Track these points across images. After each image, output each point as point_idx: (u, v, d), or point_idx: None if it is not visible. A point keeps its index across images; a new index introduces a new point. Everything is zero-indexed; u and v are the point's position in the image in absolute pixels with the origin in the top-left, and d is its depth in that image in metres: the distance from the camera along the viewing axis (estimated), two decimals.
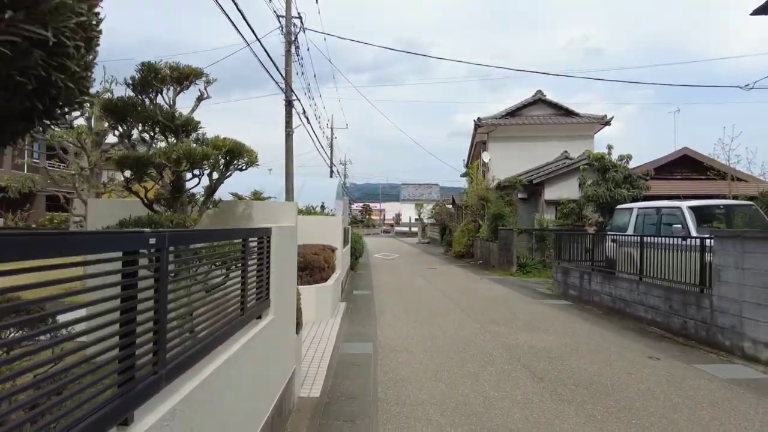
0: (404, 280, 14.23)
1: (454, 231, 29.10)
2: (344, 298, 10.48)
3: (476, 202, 19.52)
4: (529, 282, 14.84)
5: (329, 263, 8.95)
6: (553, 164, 19.73)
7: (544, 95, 23.34)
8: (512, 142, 22.61)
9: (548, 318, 8.74)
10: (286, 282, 3.86)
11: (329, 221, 10.32)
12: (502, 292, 12.06)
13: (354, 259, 16.73)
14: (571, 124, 22.53)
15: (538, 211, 19.10)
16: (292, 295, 4.23)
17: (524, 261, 16.72)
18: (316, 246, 9.25)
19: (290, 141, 16.06)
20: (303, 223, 10.24)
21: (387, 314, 8.71)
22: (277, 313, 3.43)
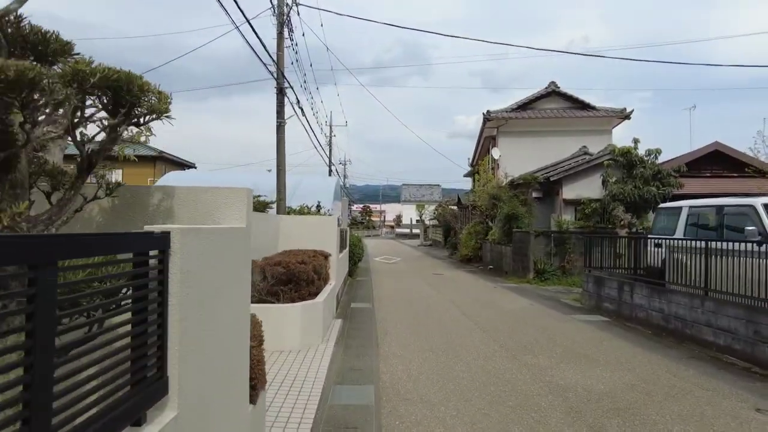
0: (409, 289, 12.54)
1: (460, 233, 27.44)
2: (340, 313, 8.80)
3: (487, 201, 17.85)
4: (550, 291, 13.16)
5: (321, 273, 7.27)
6: (572, 160, 18.06)
7: (557, 87, 21.70)
8: (524, 138, 20.97)
9: (591, 341, 7.06)
10: (220, 328, 2.19)
11: (322, 222, 8.66)
12: (524, 305, 10.37)
13: (353, 264, 15.06)
14: (588, 117, 20.88)
15: (555, 212, 17.43)
16: (238, 347, 2.55)
17: (542, 267, 15.04)
18: (305, 252, 7.59)
19: (282, 132, 14.43)
20: (289, 224, 8.58)
21: (391, 337, 7.02)
22: (187, 403, 1.75)
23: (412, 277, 15.65)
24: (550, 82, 21.96)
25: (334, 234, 8.63)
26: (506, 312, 9.41)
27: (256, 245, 7.06)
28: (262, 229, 7.39)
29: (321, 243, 8.49)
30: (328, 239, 8.60)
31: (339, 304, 9.56)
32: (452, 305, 10.01)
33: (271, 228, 7.97)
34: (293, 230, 8.51)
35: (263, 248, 7.49)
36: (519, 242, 15.56)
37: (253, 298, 6.10)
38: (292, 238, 8.47)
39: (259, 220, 7.21)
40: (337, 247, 8.92)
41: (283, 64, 14.40)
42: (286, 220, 8.49)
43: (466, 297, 11.32)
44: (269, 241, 7.93)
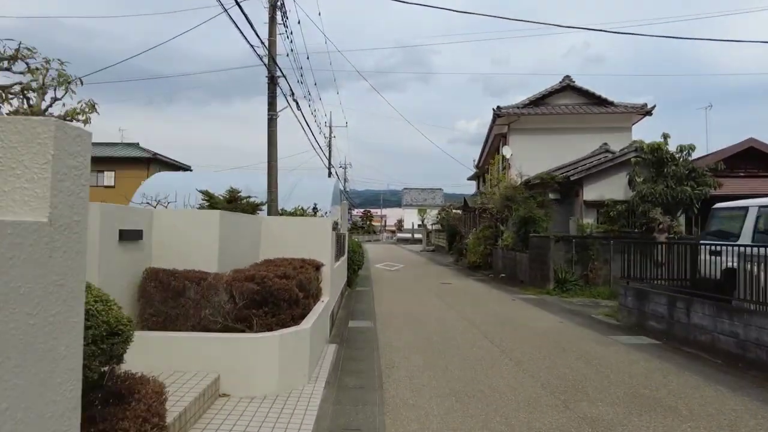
0: (415, 303, 10.98)
1: (466, 238, 25.89)
2: (335, 335, 7.26)
3: (498, 203, 16.30)
4: (575, 304, 11.61)
5: (310, 289, 5.74)
6: (592, 158, 16.56)
7: (572, 81, 20.22)
8: (537, 135, 19.48)
9: (652, 376, 5.51)
10: None
11: (315, 225, 7.13)
12: (553, 323, 8.81)
13: (352, 273, 13.52)
14: (605, 114, 19.39)
15: (574, 215, 15.90)
16: None
17: (563, 276, 13.48)
18: (291, 263, 6.06)
19: (273, 126, 12.99)
20: (274, 228, 7.05)
21: (399, 372, 5.48)
22: None
23: (418, 287, 14.09)
24: (565, 77, 20.49)
25: (329, 239, 7.10)
26: (535, 333, 7.85)
27: (231, 254, 5.53)
28: (237, 234, 5.87)
29: (313, 250, 6.97)
30: (322, 245, 7.07)
31: (334, 323, 8.01)
32: (469, 324, 8.45)
33: (249, 232, 6.45)
34: (279, 235, 6.99)
35: (240, 257, 5.97)
36: (537, 248, 14.01)
37: (216, 324, 4.57)
38: (277, 245, 6.94)
39: (232, 222, 5.69)
40: (332, 255, 7.39)
41: (275, 51, 12.97)
42: (269, 222, 6.98)
43: (483, 312, 9.76)
44: (248, 249, 6.41)
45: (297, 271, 5.60)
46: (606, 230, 13.98)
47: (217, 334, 4.55)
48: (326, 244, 7.08)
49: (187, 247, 5.12)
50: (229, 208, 10.01)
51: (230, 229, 5.55)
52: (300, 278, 5.39)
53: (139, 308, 4.65)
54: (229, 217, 5.55)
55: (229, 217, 5.56)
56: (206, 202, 11.81)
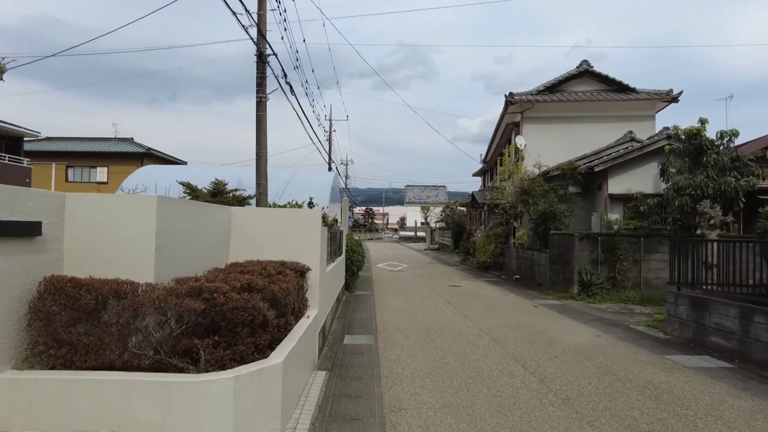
0: (423, 311, 9.48)
1: (474, 236, 24.39)
2: (325, 359, 5.78)
3: (514, 197, 14.77)
4: (605, 311, 10.13)
5: (288, 304, 4.24)
6: (617, 148, 15.02)
7: (590, 66, 18.66)
8: (552, 124, 17.96)
9: (752, 420, 4.02)
10: None
11: (299, 219, 5.61)
12: (591, 339, 7.31)
13: (350, 275, 12.03)
14: (627, 101, 17.82)
15: (596, 210, 14.38)
16: None
17: (587, 278, 11.97)
18: (265, 267, 4.59)
19: (263, 109, 11.56)
20: (246, 222, 5.55)
21: (411, 424, 3.98)
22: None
23: (424, 291, 12.59)
24: (582, 61, 18.92)
25: (318, 236, 5.60)
26: (573, 352, 6.35)
27: (178, 256, 4.06)
28: (190, 229, 4.38)
29: (298, 250, 5.47)
30: (309, 244, 5.57)
31: (326, 340, 6.52)
32: (492, 341, 6.95)
33: (211, 228, 4.96)
34: (254, 232, 5.50)
35: (195, 260, 4.49)
36: (559, 247, 12.49)
37: (144, 360, 3.11)
38: (252, 245, 5.46)
39: (181, 212, 4.19)
40: (322, 256, 5.89)
41: (265, 25, 11.52)
42: (241, 216, 5.48)
43: (504, 323, 8.26)
44: (210, 250, 4.92)
45: (269, 280, 4.11)
46: (636, 227, 12.45)
47: (143, 375, 3.08)
48: (314, 243, 5.58)
49: (114, 247, 3.64)
50: (213, 202, 8.55)
51: (178, 223, 4.07)
52: (272, 290, 3.90)
53: (29, 336, 3.18)
54: (174, 207, 4.05)
55: (174, 206, 4.05)
56: (188, 195, 10.32)
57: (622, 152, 13.56)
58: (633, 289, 12.04)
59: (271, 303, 3.88)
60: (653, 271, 12.28)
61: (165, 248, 3.82)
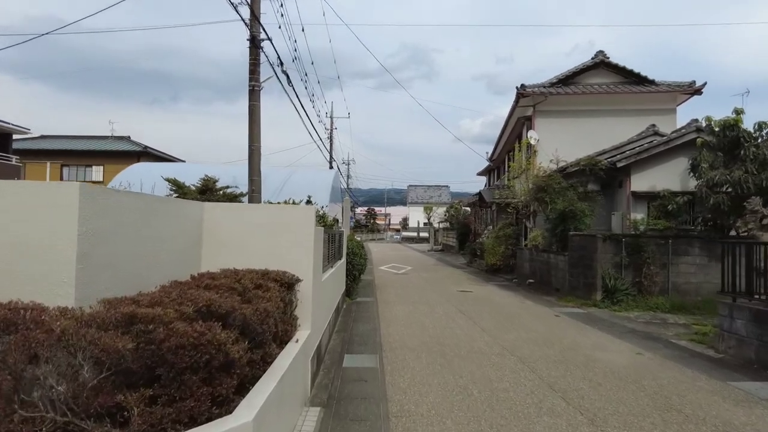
0: (433, 321, 8.44)
1: (481, 237, 23.34)
2: (320, 388, 4.74)
3: (529, 195, 13.70)
4: (634, 321, 9.10)
5: (265, 331, 3.19)
6: (639, 142, 13.94)
7: (606, 57, 17.58)
8: (566, 118, 16.89)
9: None
10: None
11: (288, 217, 4.55)
12: (632, 358, 6.24)
13: (351, 280, 10.99)
14: (646, 93, 16.75)
15: (617, 209, 13.31)
16: None
17: (611, 283, 10.91)
18: (241, 279, 3.57)
19: (256, 99, 10.63)
20: (222, 221, 4.51)
21: None
22: None
23: (432, 297, 11.54)
24: (598, 52, 17.85)
25: (311, 238, 4.55)
26: (618, 377, 5.29)
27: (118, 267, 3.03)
28: (139, 230, 3.33)
29: (286, 256, 4.43)
30: (300, 248, 4.53)
31: (321, 363, 5.48)
32: (517, 361, 5.90)
33: (176, 228, 3.92)
34: (233, 233, 4.47)
35: (158, 269, 3.48)
36: (579, 250, 11.42)
37: (42, 425, 2.07)
38: (230, 249, 4.42)
39: (122, 207, 3.13)
40: (316, 263, 4.85)
41: (259, 7, 10.54)
42: (216, 214, 4.44)
43: (527, 337, 7.21)
44: (174, 256, 3.89)
45: (242, 299, 3.09)
46: (665, 227, 11.38)
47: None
48: (307, 247, 4.53)
49: (17, 254, 2.61)
50: (201, 199, 7.52)
51: (119, 222, 3.03)
52: (243, 315, 2.87)
53: None
54: (113, 200, 3.00)
55: (112, 199, 3.00)
56: (174, 192, 9.28)
57: (646, 146, 12.48)
58: (660, 295, 10.98)
59: (242, 332, 2.85)
60: (682, 275, 11.22)
61: (95, 256, 2.79)
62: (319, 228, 5.15)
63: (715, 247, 11.15)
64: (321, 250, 5.40)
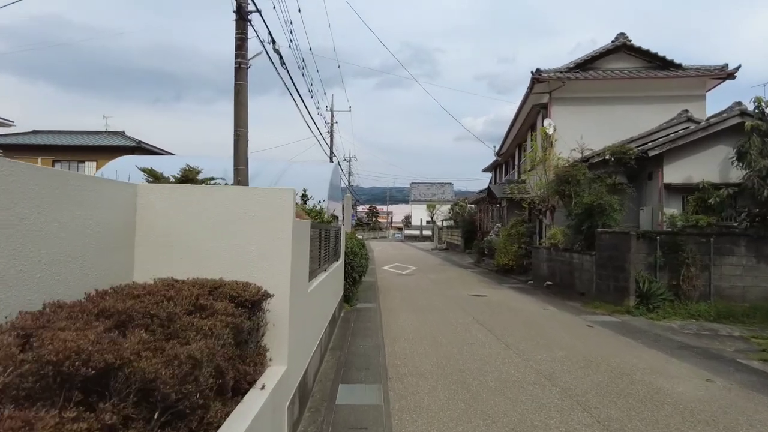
0: (448, 336, 7.12)
1: (489, 235, 22.02)
2: None
3: (549, 188, 12.36)
4: (682, 332, 7.79)
5: (180, 403, 1.87)
6: (672, 129, 12.57)
7: (628, 39, 16.20)
8: (584, 106, 15.53)
9: None
10: None
11: (255, 206, 3.22)
12: (704, 388, 4.92)
13: (351, 284, 9.68)
14: (672, 78, 15.38)
15: (647, 203, 11.97)
16: None
17: (645, 287, 9.58)
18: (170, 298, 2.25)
19: (243, 78, 9.40)
20: (168, 208, 3.17)
21: None
22: None
23: (442, 303, 10.23)
24: (618, 34, 16.47)
25: (287, 235, 3.22)
26: (702, 422, 3.97)
27: None
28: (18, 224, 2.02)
29: (253, 259, 3.13)
30: (274, 249, 3.20)
31: (307, 402, 4.16)
32: (563, 394, 4.59)
33: (93, 217, 2.61)
34: (181, 227, 3.17)
35: (50, 281, 2.18)
36: (609, 249, 10.09)
37: None
38: (176, 250, 3.13)
39: (35, 185, 1.84)
40: (296, 269, 3.53)
41: None
42: (154, 198, 3.15)
43: (564, 356, 5.89)
44: (90, 258, 2.58)
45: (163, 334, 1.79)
46: (708, 223, 10.03)
47: None
48: (282, 246, 3.21)
49: None
50: None
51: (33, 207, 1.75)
52: (142, 373, 1.56)
53: None
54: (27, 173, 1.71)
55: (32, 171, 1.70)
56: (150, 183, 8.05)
57: (682, 133, 11.12)
58: (702, 301, 9.65)
59: (137, 403, 1.55)
60: (726, 278, 9.89)
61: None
62: (302, 222, 3.84)
63: (766, 246, 9.85)
64: (307, 251, 4.08)
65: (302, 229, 3.77)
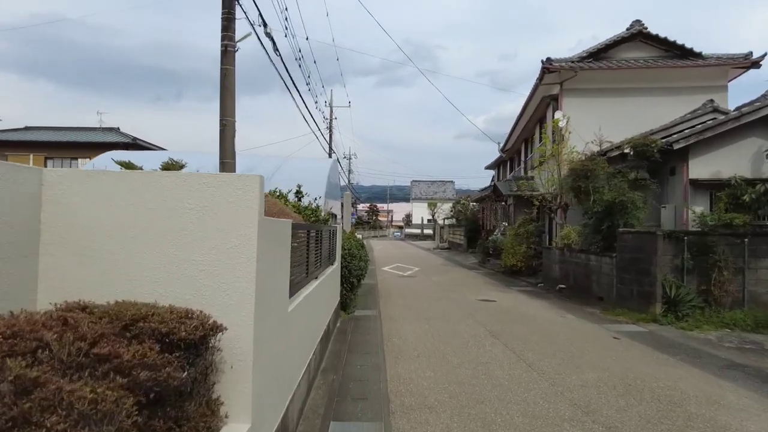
0: (459, 354, 6.22)
1: (494, 234, 21.11)
2: None
3: (564, 184, 11.44)
4: (719, 344, 6.93)
5: None
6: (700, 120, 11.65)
7: (644, 27, 15.26)
8: (597, 98, 14.61)
9: None
10: None
11: (204, 198, 2.33)
12: None
13: (349, 290, 8.77)
14: (693, 68, 14.45)
15: (668, 201, 11.07)
16: None
17: (673, 293, 8.68)
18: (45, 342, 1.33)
19: (230, 62, 8.58)
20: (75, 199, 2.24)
21: None
22: None
23: (450, 310, 9.33)
24: (634, 21, 15.52)
25: (252, 240, 2.34)
26: None
27: None
28: None
29: (204, 271, 2.25)
30: (232, 256, 2.32)
31: None
32: (600, 429, 3.69)
33: None
34: (107, 226, 2.29)
35: None
36: (632, 250, 9.18)
37: None
38: (98, 260, 2.25)
39: None
40: (265, 287, 2.63)
41: None
42: (67, 187, 2.31)
43: (598, 379, 4.99)
44: None
45: None
46: (744, 222, 9.13)
47: None
48: (243, 254, 2.31)
49: None
50: None
51: None
52: None
53: None
54: None
55: None
56: None
57: (711, 124, 10.20)
58: (736, 308, 8.76)
59: None
60: (763, 283, 8.99)
61: None
62: (276, 222, 2.93)
63: None
64: (287, 258, 3.17)
65: (278, 231, 2.86)
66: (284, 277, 3.07)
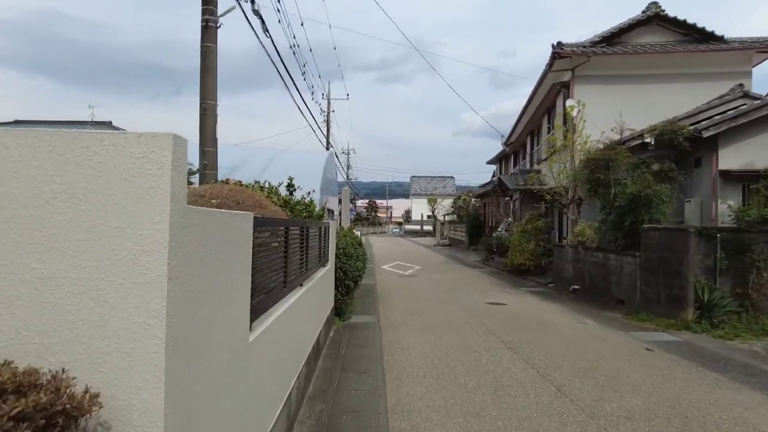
0: (473, 374, 5.30)
1: (498, 230, 20.20)
2: None
3: (580, 177, 10.50)
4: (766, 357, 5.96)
5: None
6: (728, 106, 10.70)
7: (661, 9, 14.28)
8: (611, 85, 13.68)
9: None
10: None
11: (79, 170, 1.44)
12: None
13: (344, 293, 7.84)
14: (714, 52, 13.49)
15: (693, 194, 10.14)
16: None
17: (709, 297, 7.77)
18: None
19: (211, 38, 7.75)
20: None
21: None
22: None
23: (456, 316, 8.42)
24: (651, 3, 14.53)
25: (162, 238, 1.46)
26: None
27: None
28: None
29: (77, 294, 1.35)
30: (122, 271, 1.44)
31: None
32: None
33: None
34: None
35: None
36: (659, 249, 8.26)
37: None
38: None
39: None
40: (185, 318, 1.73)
41: None
42: None
43: (644, 408, 4.08)
44: None
45: None
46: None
47: None
48: (150, 270, 1.42)
49: None
50: None
51: None
52: None
53: None
54: None
55: None
56: None
57: (744, 110, 9.25)
58: None
59: None
60: None
61: None
62: (223, 216, 1.99)
63: None
64: (246, 269, 2.24)
65: (224, 230, 1.92)
66: (239, 296, 2.14)
